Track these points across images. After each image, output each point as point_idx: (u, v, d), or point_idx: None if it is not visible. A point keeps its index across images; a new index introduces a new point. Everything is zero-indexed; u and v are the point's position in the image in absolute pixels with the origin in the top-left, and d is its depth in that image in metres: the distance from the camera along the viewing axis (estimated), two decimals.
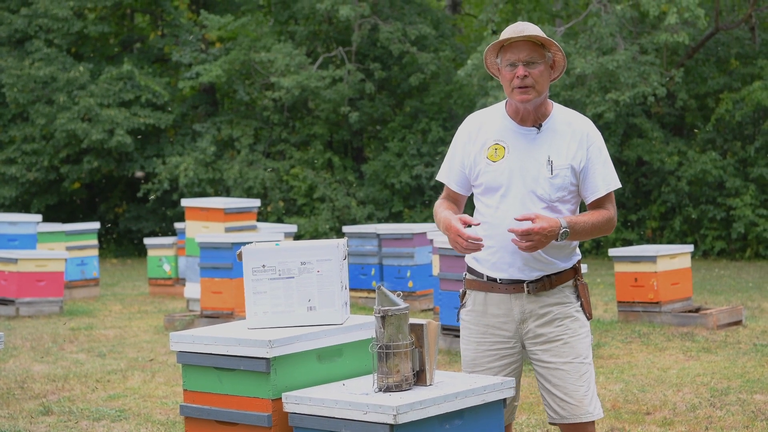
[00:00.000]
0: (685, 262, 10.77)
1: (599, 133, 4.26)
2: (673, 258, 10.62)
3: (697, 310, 10.59)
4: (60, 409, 7.37)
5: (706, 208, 18.99)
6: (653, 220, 19.65)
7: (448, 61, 21.65)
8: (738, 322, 10.33)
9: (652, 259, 10.44)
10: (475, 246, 4.06)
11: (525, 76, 4.10)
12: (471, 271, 4.29)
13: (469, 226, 4.12)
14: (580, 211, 4.31)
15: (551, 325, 4.19)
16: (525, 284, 4.17)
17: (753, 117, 19.50)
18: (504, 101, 4.31)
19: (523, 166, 4.15)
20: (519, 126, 4.21)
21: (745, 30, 20.13)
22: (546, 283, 4.18)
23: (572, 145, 4.17)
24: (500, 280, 4.20)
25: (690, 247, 10.96)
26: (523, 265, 4.16)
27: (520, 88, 4.12)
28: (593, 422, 4.23)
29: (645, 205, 20.04)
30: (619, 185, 4.26)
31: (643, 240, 19.41)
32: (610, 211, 4.24)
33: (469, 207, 4.20)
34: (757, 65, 19.45)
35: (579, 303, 4.24)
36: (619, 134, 19.73)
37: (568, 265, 4.22)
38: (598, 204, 4.24)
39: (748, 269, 16.82)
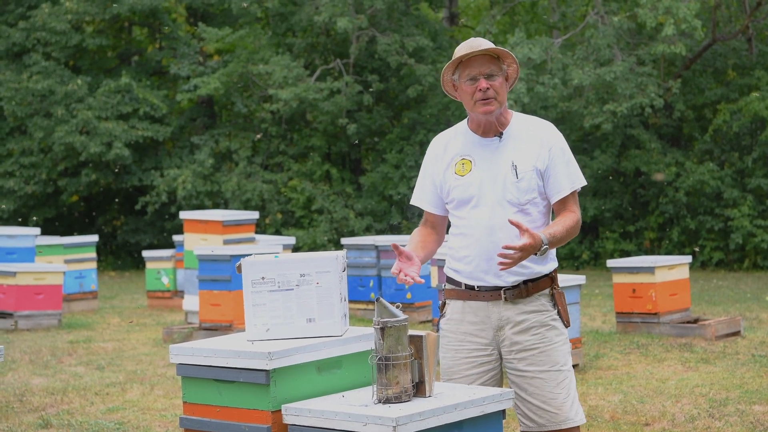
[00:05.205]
0: (684, 272, 10.78)
1: (560, 135, 4.31)
2: (672, 269, 10.63)
3: (695, 321, 10.60)
4: (59, 422, 7.36)
5: (704, 218, 19.01)
6: (651, 231, 19.66)
7: None
8: (736, 333, 10.33)
9: (650, 270, 10.44)
10: (405, 281, 4.09)
11: (487, 88, 4.18)
12: (449, 280, 4.35)
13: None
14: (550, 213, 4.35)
15: (528, 333, 4.22)
16: (502, 291, 4.21)
17: (750, 128, 19.53)
18: (465, 119, 4.37)
19: (490, 175, 4.22)
20: (482, 138, 4.28)
21: (742, 41, 20.18)
22: (522, 290, 4.21)
23: (534, 148, 4.23)
24: (478, 287, 4.24)
25: (688, 258, 10.97)
26: (498, 271, 4.18)
27: (483, 100, 4.19)
28: (577, 428, 4.24)
29: (643, 216, 20.05)
30: (585, 183, 4.30)
31: (641, 251, 19.42)
32: (576, 213, 4.26)
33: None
34: (755, 76, 19.49)
35: (556, 311, 4.27)
36: (616, 145, 19.76)
37: (544, 270, 4.25)
38: (563, 203, 4.26)
39: (746, 280, 16.83)
